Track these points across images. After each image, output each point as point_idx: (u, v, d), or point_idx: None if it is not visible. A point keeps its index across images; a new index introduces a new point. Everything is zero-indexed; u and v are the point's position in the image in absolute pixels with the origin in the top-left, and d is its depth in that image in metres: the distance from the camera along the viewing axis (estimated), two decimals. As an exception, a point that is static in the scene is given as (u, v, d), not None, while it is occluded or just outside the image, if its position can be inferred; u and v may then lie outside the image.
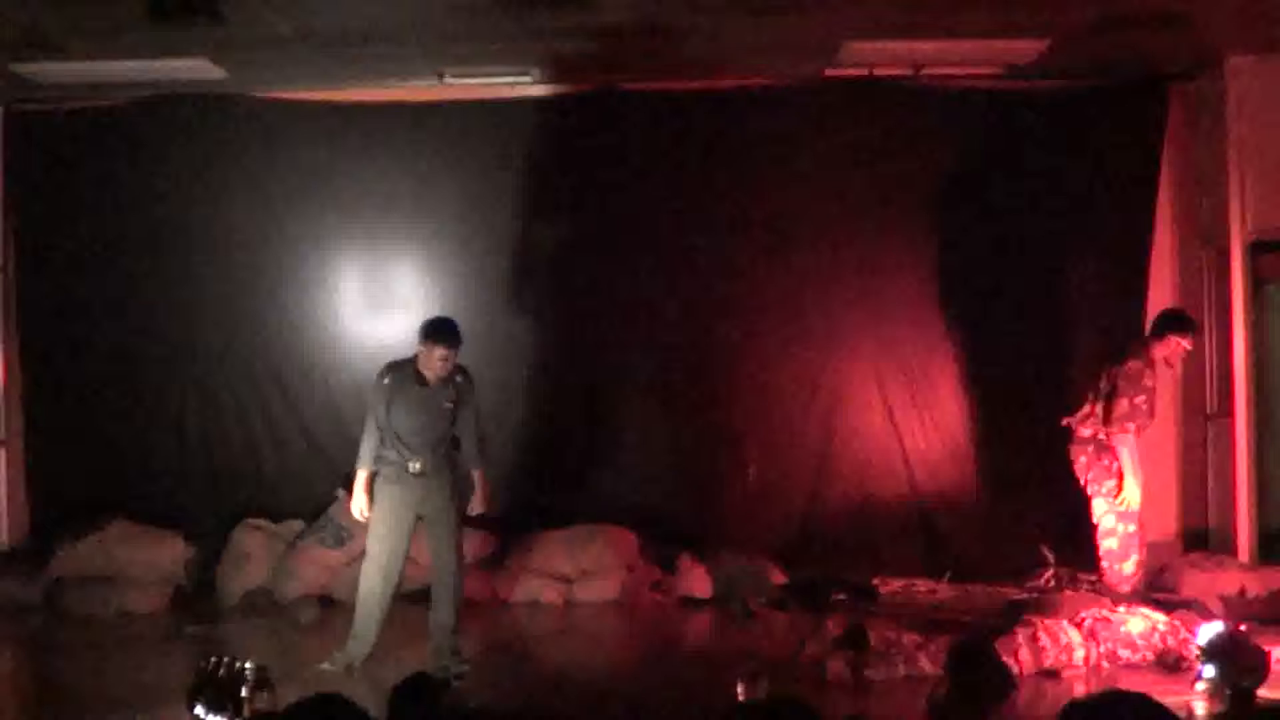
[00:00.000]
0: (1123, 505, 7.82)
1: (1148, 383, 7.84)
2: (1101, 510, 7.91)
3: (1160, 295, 9.60)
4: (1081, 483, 7.99)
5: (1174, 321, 8.05)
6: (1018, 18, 8.06)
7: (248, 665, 4.11)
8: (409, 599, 9.17)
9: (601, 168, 9.63)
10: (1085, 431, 7.97)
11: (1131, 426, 7.79)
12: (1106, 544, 7.90)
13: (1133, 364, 7.87)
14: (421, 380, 7.15)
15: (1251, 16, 8.18)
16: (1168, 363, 8.01)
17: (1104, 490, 7.87)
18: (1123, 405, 7.82)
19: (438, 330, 7.15)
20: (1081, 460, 7.97)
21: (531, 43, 8.50)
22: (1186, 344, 7.95)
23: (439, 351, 7.09)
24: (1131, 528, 7.87)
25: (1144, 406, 7.82)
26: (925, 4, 7.81)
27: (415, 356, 7.19)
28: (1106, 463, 7.86)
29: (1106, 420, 7.84)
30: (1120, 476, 7.80)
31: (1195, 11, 7.97)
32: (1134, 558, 7.91)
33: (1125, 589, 7.85)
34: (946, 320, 9.56)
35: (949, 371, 9.56)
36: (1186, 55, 9.09)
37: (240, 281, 9.73)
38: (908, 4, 7.81)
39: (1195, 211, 9.57)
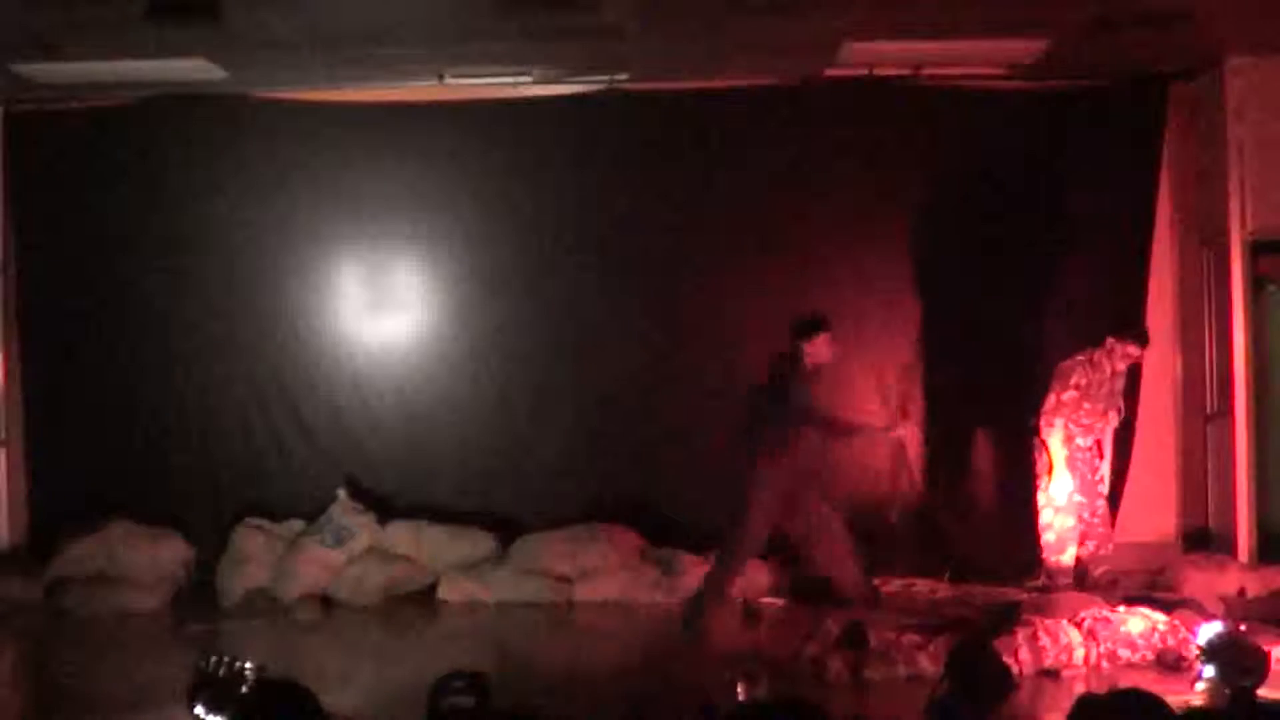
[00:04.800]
0: (1048, 499, 8.22)
1: (1079, 380, 8.16)
2: (1041, 503, 8.30)
3: (1160, 295, 9.61)
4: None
5: (1116, 326, 8.43)
6: (1018, 18, 8.06)
7: (248, 665, 4.10)
8: (408, 599, 9.21)
9: (602, 168, 9.63)
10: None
11: (1059, 421, 8.05)
12: (1046, 536, 8.30)
13: (1065, 362, 8.33)
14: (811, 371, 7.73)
15: (1251, 16, 8.17)
16: (1111, 366, 8.23)
17: (1041, 484, 8.31)
18: (1049, 400, 8.30)
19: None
20: (1034, 453, 8.39)
21: (531, 43, 8.49)
22: (1127, 348, 8.20)
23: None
24: (1070, 521, 8.26)
25: (1072, 402, 8.07)
26: (925, 4, 7.81)
27: (800, 351, 7.68)
28: (1044, 457, 8.27)
29: (1039, 413, 8.26)
30: (1050, 469, 8.01)
31: (1195, 11, 7.97)
32: (1071, 550, 8.28)
33: (1064, 581, 8.20)
34: (946, 320, 9.56)
35: (949, 371, 9.55)
36: (1186, 55, 9.09)
37: (240, 281, 9.73)
38: (908, 4, 7.81)
39: (1195, 211, 9.57)
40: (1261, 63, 9.03)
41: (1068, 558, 8.30)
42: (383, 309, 9.79)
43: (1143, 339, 8.54)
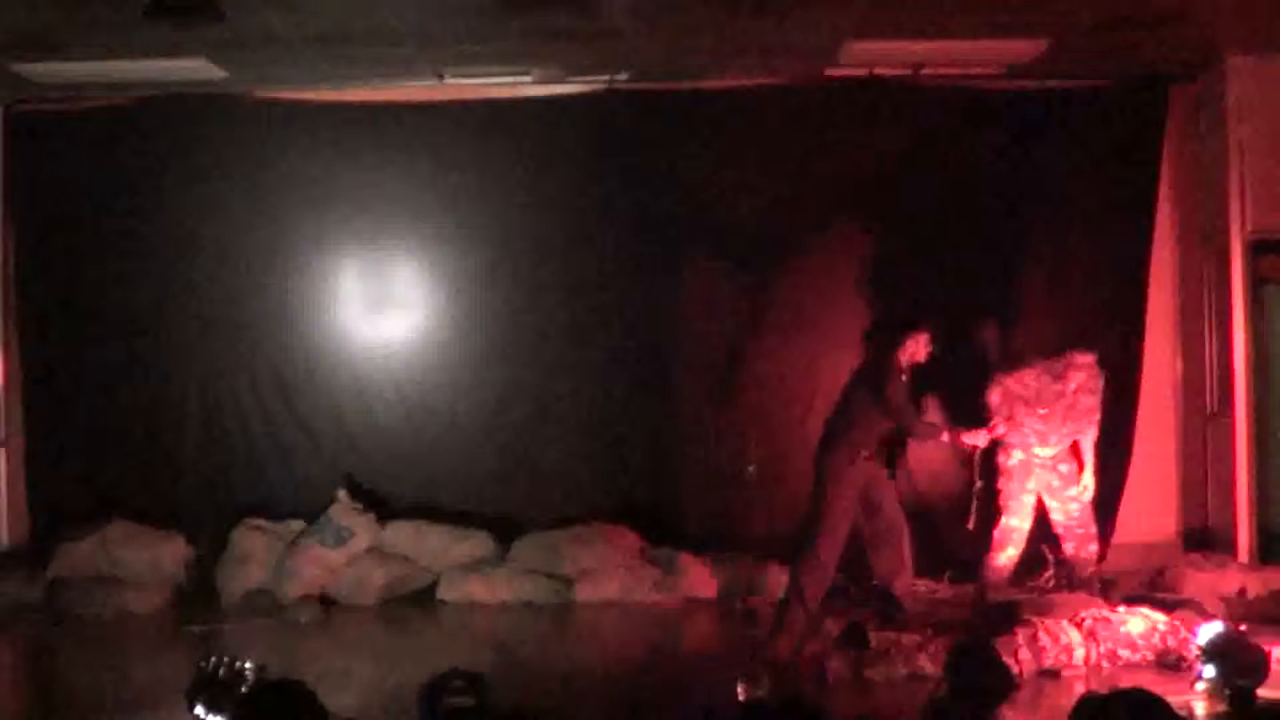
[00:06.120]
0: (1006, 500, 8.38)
1: (1012, 385, 8.34)
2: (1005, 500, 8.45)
3: (1160, 295, 9.61)
4: None
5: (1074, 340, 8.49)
6: (1018, 18, 8.06)
7: (248, 665, 4.11)
8: (408, 599, 9.22)
9: (602, 168, 9.63)
10: None
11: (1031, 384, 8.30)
12: (996, 533, 8.38)
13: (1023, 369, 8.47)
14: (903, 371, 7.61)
15: (1251, 16, 8.18)
16: (1075, 381, 8.37)
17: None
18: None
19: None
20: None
21: (531, 43, 8.50)
22: (1076, 359, 8.31)
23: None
24: (1014, 521, 8.35)
25: (1007, 406, 8.31)
26: (925, 4, 7.81)
27: (894, 351, 7.58)
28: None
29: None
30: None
31: (1195, 11, 7.97)
32: (1009, 551, 8.36)
33: (995, 579, 8.32)
34: (946, 319, 9.53)
35: (948, 371, 9.53)
36: (1186, 55, 9.09)
37: (240, 281, 9.72)
38: (908, 4, 7.81)
39: (1195, 211, 9.57)
40: (1261, 63, 9.03)
41: (1003, 557, 8.37)
42: (383, 309, 9.79)
43: (1103, 357, 8.51)
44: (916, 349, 7.74)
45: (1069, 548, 8.45)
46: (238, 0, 7.23)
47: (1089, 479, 8.38)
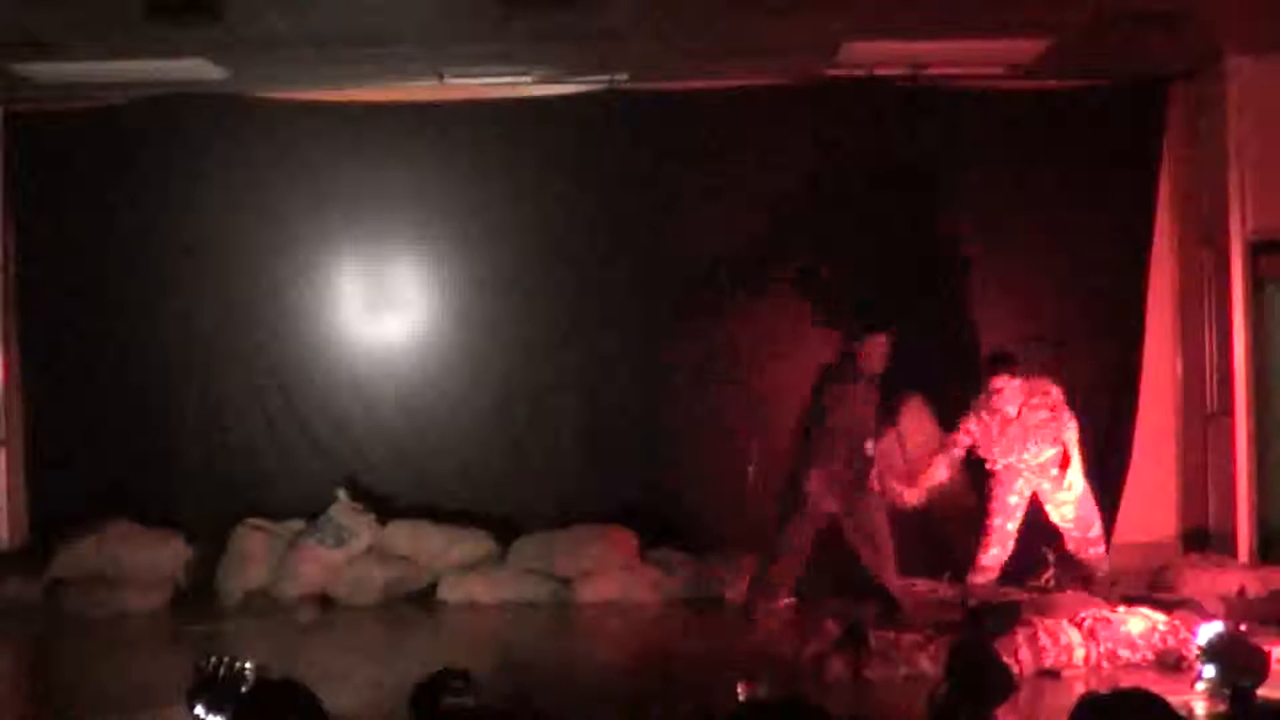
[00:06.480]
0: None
1: (968, 427, 8.41)
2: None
3: (1160, 295, 9.62)
4: None
5: (998, 359, 8.42)
6: (1018, 17, 8.06)
7: (248, 665, 4.12)
8: (408, 599, 9.22)
9: (602, 168, 9.63)
10: None
11: (974, 429, 8.37)
12: (981, 533, 8.52)
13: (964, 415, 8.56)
14: (859, 376, 7.62)
15: (1251, 16, 8.18)
16: (1014, 406, 8.37)
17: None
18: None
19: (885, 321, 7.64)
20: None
21: (531, 43, 8.50)
22: (996, 380, 8.30)
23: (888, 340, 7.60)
24: (998, 521, 8.46)
25: (969, 441, 8.43)
26: (925, 4, 7.81)
27: (853, 354, 7.57)
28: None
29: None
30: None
31: (1195, 11, 7.97)
32: (993, 552, 8.46)
33: (978, 579, 8.43)
34: (945, 319, 9.55)
35: (947, 370, 9.54)
36: (1186, 55, 9.09)
37: (240, 281, 9.73)
38: (908, 4, 7.81)
39: (1195, 211, 9.57)
40: (1261, 63, 9.03)
41: (987, 557, 8.48)
42: (383, 309, 9.79)
43: (1001, 361, 8.41)
44: (869, 355, 7.69)
45: (1070, 547, 8.49)
46: (238, 0, 7.24)
47: (1074, 476, 8.38)
